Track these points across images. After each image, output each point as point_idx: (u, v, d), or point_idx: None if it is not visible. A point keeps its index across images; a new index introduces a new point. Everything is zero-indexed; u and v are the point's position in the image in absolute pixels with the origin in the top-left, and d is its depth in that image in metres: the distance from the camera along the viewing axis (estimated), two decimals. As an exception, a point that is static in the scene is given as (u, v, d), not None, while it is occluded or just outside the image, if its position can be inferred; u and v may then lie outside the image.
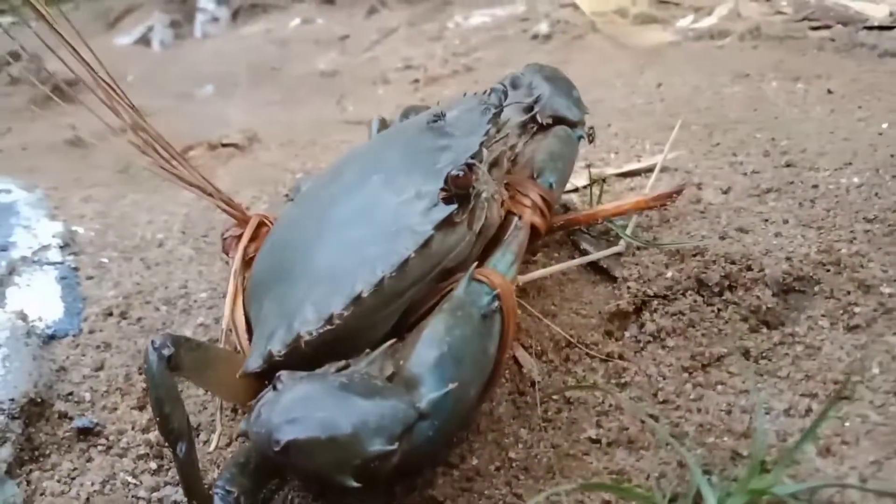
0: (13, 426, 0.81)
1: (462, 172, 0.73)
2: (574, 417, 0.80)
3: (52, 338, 0.96)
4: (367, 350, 0.69)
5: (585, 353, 0.89)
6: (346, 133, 1.72)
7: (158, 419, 0.69)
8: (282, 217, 0.91)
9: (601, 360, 0.87)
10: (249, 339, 0.82)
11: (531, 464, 0.76)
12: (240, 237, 0.96)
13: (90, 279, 1.09)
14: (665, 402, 0.80)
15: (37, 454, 0.82)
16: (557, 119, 0.96)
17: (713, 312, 0.89)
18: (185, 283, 1.08)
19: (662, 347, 0.87)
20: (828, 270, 0.93)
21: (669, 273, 0.94)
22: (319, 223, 0.78)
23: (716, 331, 0.88)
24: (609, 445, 0.76)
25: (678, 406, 0.79)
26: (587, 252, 1.07)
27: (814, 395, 0.77)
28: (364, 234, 0.73)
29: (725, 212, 1.10)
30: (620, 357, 0.87)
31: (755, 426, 0.73)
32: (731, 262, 0.93)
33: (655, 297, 0.92)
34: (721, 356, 0.84)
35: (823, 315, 0.87)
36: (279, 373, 0.64)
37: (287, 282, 0.75)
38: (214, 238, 1.20)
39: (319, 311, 0.69)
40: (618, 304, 0.93)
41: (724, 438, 0.74)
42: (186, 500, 0.71)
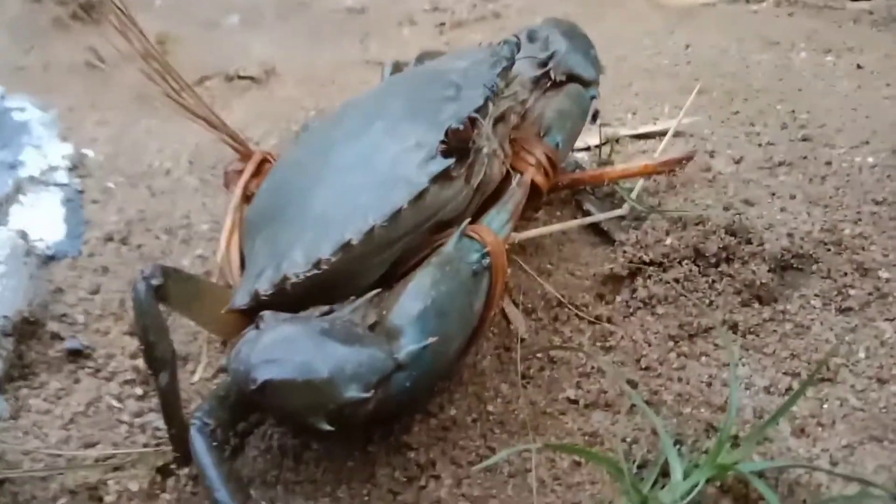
0: (5, 343, 0.83)
1: (462, 126, 0.73)
2: (555, 377, 0.81)
3: (52, 258, 0.98)
4: (353, 298, 0.69)
5: (575, 314, 0.89)
6: (366, 73, 1.70)
7: (143, 347, 0.70)
8: (283, 156, 0.91)
9: (589, 322, 0.88)
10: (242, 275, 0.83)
11: (507, 419, 0.77)
12: (241, 172, 0.96)
13: (95, 203, 1.10)
14: (647, 369, 0.80)
15: (26, 371, 0.84)
16: (571, 77, 0.95)
17: (707, 283, 0.89)
18: (188, 214, 1.09)
19: (652, 314, 0.87)
20: (828, 250, 0.92)
21: (668, 240, 0.93)
22: (318, 166, 0.78)
23: (707, 302, 0.87)
24: (586, 407, 0.77)
25: (659, 374, 0.80)
26: (590, 212, 1.06)
27: (796, 375, 0.77)
28: (360, 181, 0.73)
29: (734, 182, 1.09)
30: (609, 321, 0.87)
31: (737, 405, 0.73)
32: (731, 234, 0.92)
33: (651, 264, 0.92)
34: (709, 328, 0.84)
35: (817, 295, 0.86)
36: (262, 312, 0.65)
37: (280, 222, 0.75)
38: (221, 171, 1.20)
39: (308, 255, 0.69)
40: (611, 268, 0.92)
41: (701, 410, 0.75)
42: (166, 428, 0.73)
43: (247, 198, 0.93)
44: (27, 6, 1.90)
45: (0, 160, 1.13)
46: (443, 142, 0.73)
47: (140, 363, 0.85)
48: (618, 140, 1.28)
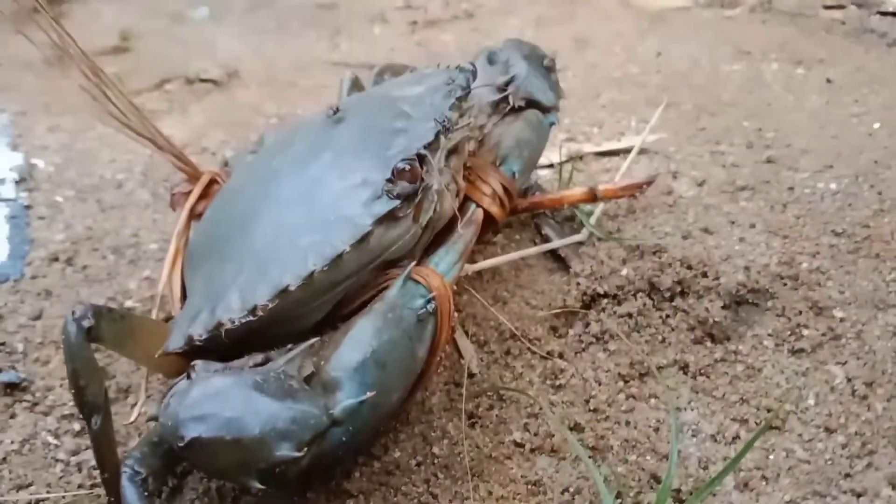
0: (-65, 375, 0.80)
1: (409, 166, 0.70)
2: (503, 417, 0.80)
3: (-8, 282, 0.95)
4: (290, 346, 0.67)
5: (527, 348, 0.87)
6: (330, 76, 1.67)
7: (73, 391, 0.68)
8: (230, 180, 0.88)
9: (541, 358, 0.86)
10: (183, 305, 0.80)
11: (452, 462, 0.75)
12: (188, 194, 0.93)
13: (41, 219, 1.06)
14: (595, 411, 0.79)
15: (-42, 407, 0.82)
16: (531, 102, 0.93)
17: (661, 318, 0.88)
18: (137, 232, 1.06)
19: (604, 350, 0.86)
20: (784, 285, 0.91)
21: (624, 271, 0.92)
22: (259, 198, 0.75)
23: (660, 339, 0.86)
24: (532, 452, 0.76)
25: (607, 417, 0.79)
26: (548, 237, 1.05)
27: (744, 421, 0.77)
28: (301, 218, 0.70)
29: (694, 208, 1.08)
30: (560, 356, 0.86)
31: (683, 454, 0.73)
32: (688, 267, 0.91)
33: (605, 296, 0.91)
34: (660, 367, 0.83)
35: (770, 335, 0.86)
36: (194, 362, 0.63)
37: (218, 259, 0.73)
38: (175, 184, 1.17)
39: (244, 300, 0.67)
40: (565, 300, 0.91)
41: (647, 457, 0.74)
42: (99, 472, 0.71)
43: (196, 216, 0.91)
44: (-20, -3, 1.85)
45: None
46: (389, 181, 0.70)
47: (79, 396, 0.83)
48: (581, 157, 1.26)
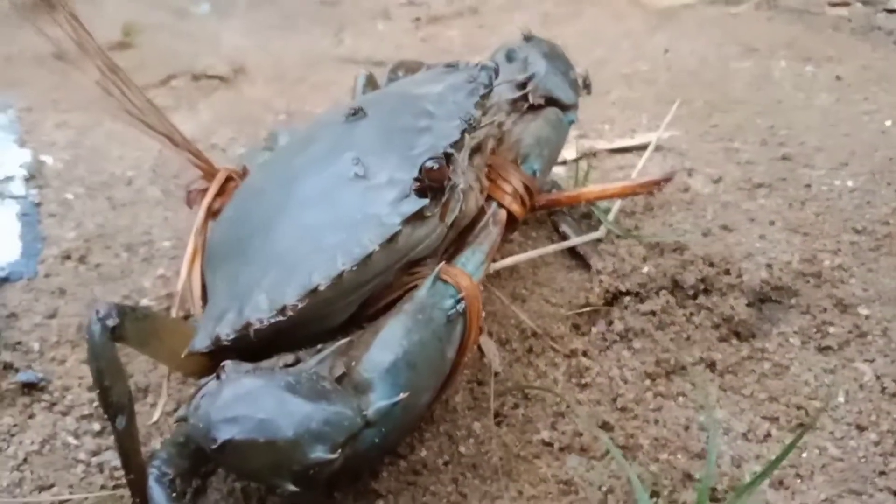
0: (-47, 375, 0.79)
1: (437, 165, 0.69)
2: (529, 416, 0.79)
3: (6, 280, 0.93)
4: (320, 346, 0.66)
5: (550, 347, 0.87)
6: (338, 72, 1.66)
7: (98, 391, 0.67)
8: (248, 179, 0.87)
9: (564, 356, 0.85)
10: (204, 304, 0.79)
11: (480, 461, 0.74)
12: (205, 191, 0.92)
13: (52, 217, 1.05)
14: (623, 410, 0.78)
15: (-24, 407, 0.80)
16: (550, 100, 0.92)
17: (685, 316, 0.87)
18: (150, 229, 1.05)
19: (628, 349, 0.85)
20: (807, 282, 0.90)
21: (646, 268, 0.91)
22: (282, 197, 0.74)
23: (685, 336, 0.86)
24: (561, 451, 0.75)
25: (636, 415, 0.78)
26: (566, 234, 1.04)
27: (775, 419, 0.76)
28: (328, 218, 0.69)
29: (712, 205, 1.07)
30: (584, 354, 0.85)
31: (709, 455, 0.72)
32: (710, 265, 0.90)
33: (628, 294, 0.90)
34: (686, 365, 0.83)
35: (796, 332, 0.85)
36: (224, 362, 0.62)
37: (243, 258, 0.72)
38: (186, 180, 1.15)
39: (272, 300, 0.65)
40: (587, 298, 0.90)
41: (678, 456, 0.73)
42: (124, 473, 0.70)
43: (213, 214, 0.89)
44: (-14, -10, 1.83)
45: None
46: (417, 179, 0.69)
47: (97, 396, 0.81)
48: (594, 154, 1.26)
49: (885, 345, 0.82)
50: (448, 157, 0.71)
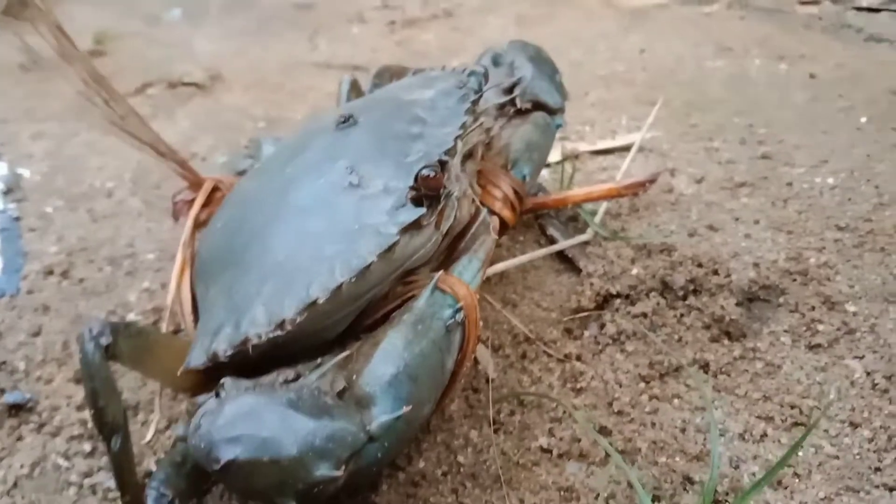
0: (-63, 398, 0.77)
1: (433, 173, 0.69)
2: (526, 422, 0.79)
3: (-12, 298, 0.91)
4: (319, 360, 0.65)
5: (544, 351, 0.87)
6: (316, 77, 1.65)
7: (92, 412, 0.65)
8: (237, 188, 0.85)
9: (558, 361, 0.85)
10: (195, 318, 0.78)
11: (479, 471, 0.74)
12: (191, 202, 0.91)
13: (32, 231, 1.03)
14: (620, 414, 0.78)
15: (-38, 430, 0.79)
16: (537, 104, 0.92)
17: (675, 317, 0.88)
18: (132, 241, 1.03)
19: (621, 351, 0.86)
20: (794, 280, 0.91)
21: (635, 270, 0.91)
22: (275, 206, 0.73)
23: (676, 338, 0.86)
24: (560, 457, 0.75)
25: (632, 419, 0.78)
26: (553, 238, 1.04)
27: (770, 419, 0.76)
28: (323, 228, 0.68)
29: (697, 205, 1.08)
30: (578, 358, 0.85)
31: (710, 455, 0.72)
32: (698, 265, 0.91)
33: (618, 296, 0.90)
34: (679, 367, 0.83)
35: (786, 331, 0.86)
36: (223, 380, 0.61)
37: (237, 269, 0.71)
38: (167, 190, 1.14)
39: (270, 314, 0.65)
40: (579, 301, 0.90)
41: (677, 459, 0.73)
42: (119, 494, 0.68)
43: (200, 224, 0.88)
44: (-48, 1, 1.79)
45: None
46: (412, 188, 0.69)
47: (87, 415, 0.80)
48: (577, 156, 1.26)
49: (874, 341, 0.83)
50: (443, 165, 0.71)
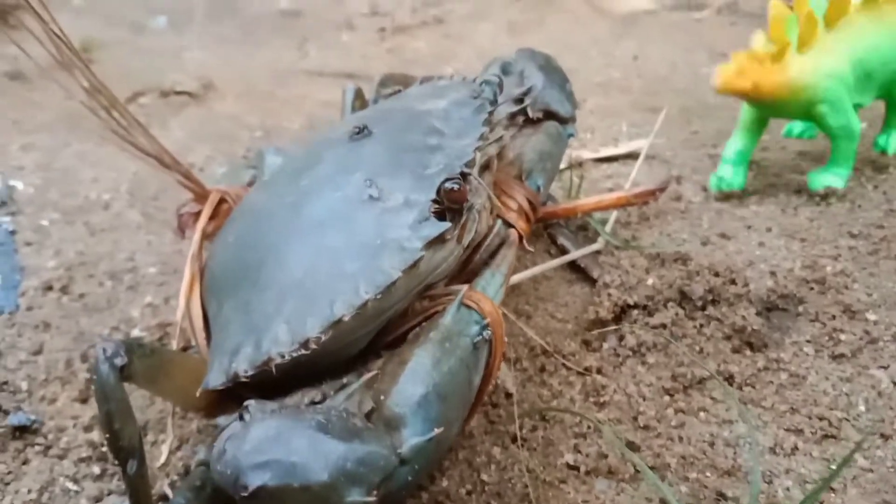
0: (-62, 422, 0.73)
1: (458, 186, 0.67)
2: (550, 438, 0.77)
3: (-14, 315, 0.88)
4: (345, 380, 0.63)
5: (563, 364, 0.85)
6: (308, 85, 1.63)
7: (108, 436, 0.62)
8: (247, 200, 0.83)
9: (578, 374, 0.84)
10: (206, 335, 0.75)
11: (504, 489, 0.72)
12: (198, 215, 0.88)
13: (29, 245, 0.99)
14: (646, 428, 0.77)
15: (-34, 454, 0.75)
16: (548, 114, 0.90)
17: (695, 328, 0.86)
18: (133, 255, 1.00)
19: (642, 364, 0.84)
20: (812, 289, 0.90)
21: (650, 280, 0.90)
22: (292, 220, 0.70)
23: (697, 349, 0.84)
24: (587, 474, 0.73)
25: (659, 433, 0.76)
26: (564, 247, 1.02)
27: (799, 431, 0.75)
28: (344, 242, 0.66)
29: (707, 213, 1.07)
30: (599, 372, 0.84)
31: (742, 470, 0.71)
32: (715, 275, 0.89)
33: (636, 307, 0.89)
34: (703, 378, 0.81)
35: (808, 341, 0.84)
36: (247, 402, 0.58)
37: (253, 286, 0.68)
38: (165, 202, 1.11)
39: (293, 333, 0.62)
40: (597, 312, 0.89)
41: (708, 474, 0.72)
42: (134, 520, 0.66)
43: (206, 237, 0.86)
44: (-67, 9, 1.75)
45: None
46: (435, 201, 0.67)
47: (95, 436, 0.77)
48: (581, 164, 1.25)
49: (897, 350, 0.83)
50: (465, 177, 0.69)
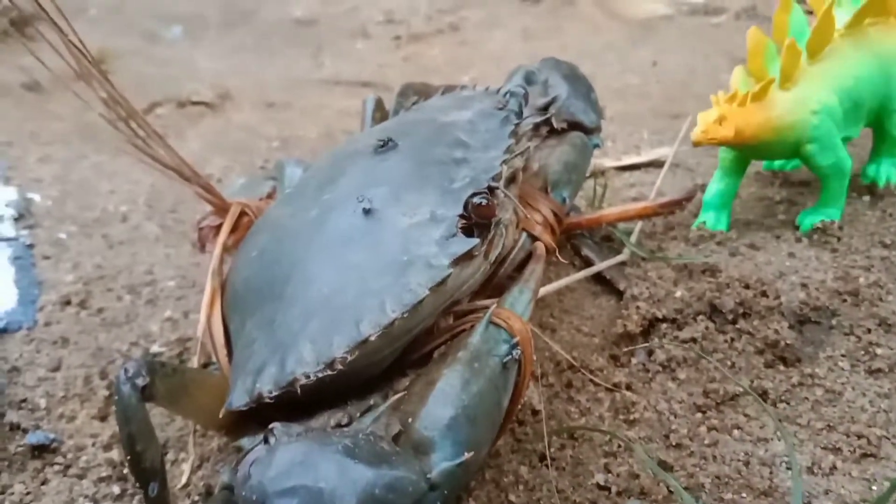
0: (-44, 442, 0.72)
1: (486, 201, 0.65)
2: (579, 457, 0.75)
3: (4, 331, 0.86)
4: (372, 401, 0.61)
5: (590, 380, 0.83)
6: (325, 95, 1.62)
7: (129, 458, 0.61)
8: (269, 214, 0.81)
9: (607, 390, 0.82)
10: (228, 351, 0.74)
11: (533, 510, 0.70)
12: (218, 228, 0.87)
13: (47, 259, 0.98)
14: (678, 447, 0.75)
15: (-16, 474, 0.74)
16: (573, 124, 0.89)
17: (726, 342, 0.84)
18: (151, 268, 0.99)
19: (673, 380, 0.82)
20: (845, 301, 0.88)
21: (679, 292, 0.88)
22: (315, 235, 0.69)
23: (729, 364, 0.82)
24: (619, 495, 0.71)
25: (692, 452, 0.74)
26: (588, 258, 1.00)
27: (838, 450, 0.73)
28: (369, 259, 0.64)
29: (734, 223, 1.05)
30: (628, 388, 0.82)
31: (779, 490, 0.69)
32: (745, 287, 0.87)
33: (664, 321, 0.87)
34: (736, 395, 0.79)
35: (843, 355, 0.82)
36: (272, 425, 0.56)
37: (277, 302, 0.67)
38: (184, 214, 1.10)
39: (319, 352, 0.60)
40: (625, 326, 0.87)
41: (743, 495, 0.69)
42: (157, 544, 0.64)
43: (227, 250, 0.84)
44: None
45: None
46: (462, 216, 0.65)
47: (115, 455, 0.75)
48: (603, 172, 1.23)
49: (935, 365, 0.80)
50: (492, 191, 0.67)
